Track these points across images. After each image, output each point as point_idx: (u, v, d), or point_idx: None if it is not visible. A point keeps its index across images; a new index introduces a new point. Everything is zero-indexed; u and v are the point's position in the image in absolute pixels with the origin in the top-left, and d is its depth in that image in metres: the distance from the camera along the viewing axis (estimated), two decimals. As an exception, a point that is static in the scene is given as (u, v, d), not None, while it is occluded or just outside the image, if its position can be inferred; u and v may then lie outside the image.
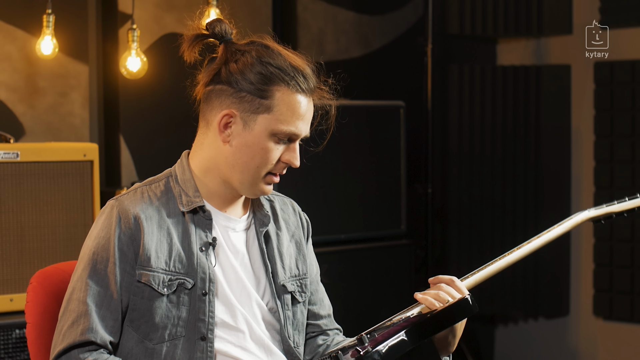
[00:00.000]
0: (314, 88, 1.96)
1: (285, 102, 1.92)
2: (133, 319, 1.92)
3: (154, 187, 2.00)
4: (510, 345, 4.89)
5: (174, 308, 1.91)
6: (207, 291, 1.93)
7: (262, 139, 1.93)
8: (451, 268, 4.76)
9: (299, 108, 1.92)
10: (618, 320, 4.53)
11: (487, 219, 4.74)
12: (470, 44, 4.90)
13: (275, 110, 1.92)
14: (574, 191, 4.72)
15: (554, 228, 2.23)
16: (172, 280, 1.92)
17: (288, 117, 1.92)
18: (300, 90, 1.93)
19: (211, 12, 3.84)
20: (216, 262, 1.96)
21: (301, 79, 1.93)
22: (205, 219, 1.97)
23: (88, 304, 1.88)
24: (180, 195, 1.98)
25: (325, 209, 3.73)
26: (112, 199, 1.99)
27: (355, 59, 4.63)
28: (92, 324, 1.87)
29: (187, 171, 2.01)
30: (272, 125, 1.92)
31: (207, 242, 1.96)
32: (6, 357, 3.00)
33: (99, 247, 1.92)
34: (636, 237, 4.43)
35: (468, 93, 4.74)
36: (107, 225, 1.93)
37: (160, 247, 1.92)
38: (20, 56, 3.60)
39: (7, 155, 3.07)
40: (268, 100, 1.92)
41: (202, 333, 1.92)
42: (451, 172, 4.75)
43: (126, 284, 1.91)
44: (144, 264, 1.91)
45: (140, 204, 1.95)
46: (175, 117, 3.99)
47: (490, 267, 2.15)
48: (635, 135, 4.43)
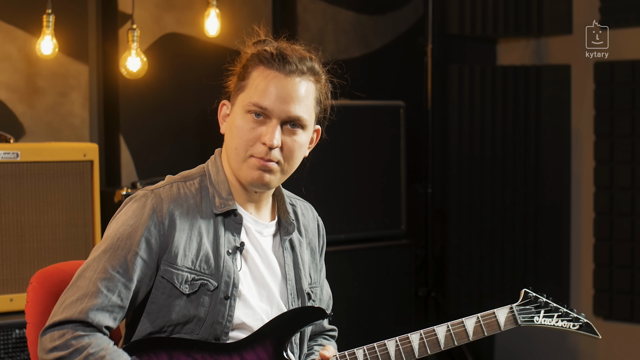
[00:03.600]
0: (296, 70, 1.95)
1: (258, 78, 1.94)
2: (150, 311, 1.93)
3: (189, 184, 2.00)
4: (510, 345, 4.89)
5: (193, 308, 1.92)
6: (230, 295, 1.93)
7: (237, 117, 1.95)
8: (451, 268, 4.77)
9: (270, 82, 1.93)
10: (618, 320, 4.53)
11: (487, 219, 4.74)
12: (470, 44, 4.90)
13: (248, 88, 1.95)
14: (574, 191, 4.72)
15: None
16: (195, 280, 1.92)
17: (259, 90, 1.93)
18: (274, 68, 1.93)
19: (211, 12, 3.85)
20: (241, 266, 1.97)
21: (278, 59, 1.94)
22: (235, 222, 1.98)
23: (98, 286, 1.88)
24: (213, 196, 1.98)
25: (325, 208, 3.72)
26: (147, 189, 1.98)
27: (355, 59, 4.62)
28: (95, 306, 1.87)
29: (221, 172, 2.01)
30: (244, 101, 1.94)
31: (235, 246, 1.97)
32: (6, 357, 3.00)
33: (125, 233, 1.91)
34: (636, 237, 4.43)
35: (468, 93, 4.74)
36: (139, 214, 1.93)
37: (189, 245, 1.93)
38: (20, 56, 3.60)
39: (7, 155, 3.07)
40: (245, 80, 1.96)
41: (217, 335, 1.93)
42: (451, 172, 4.75)
43: (144, 276, 1.91)
44: (171, 260, 1.91)
45: (176, 199, 1.95)
46: (175, 117, 3.99)
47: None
48: (635, 135, 4.43)
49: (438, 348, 2.04)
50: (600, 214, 4.57)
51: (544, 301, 2.14)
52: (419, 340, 2.03)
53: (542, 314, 2.14)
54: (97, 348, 1.84)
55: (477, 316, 2.08)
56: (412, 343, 2.02)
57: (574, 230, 4.73)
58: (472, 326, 2.07)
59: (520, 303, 2.13)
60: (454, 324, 2.07)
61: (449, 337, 2.05)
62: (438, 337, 2.04)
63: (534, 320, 2.13)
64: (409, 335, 2.03)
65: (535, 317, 2.13)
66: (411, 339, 2.02)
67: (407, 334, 2.03)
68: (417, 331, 2.04)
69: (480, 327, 2.07)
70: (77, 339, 1.84)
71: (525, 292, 2.15)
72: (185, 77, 4.01)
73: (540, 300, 2.14)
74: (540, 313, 2.14)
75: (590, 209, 4.63)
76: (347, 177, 3.83)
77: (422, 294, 4.35)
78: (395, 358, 2.00)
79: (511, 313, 2.11)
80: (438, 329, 2.05)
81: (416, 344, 2.02)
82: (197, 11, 3.97)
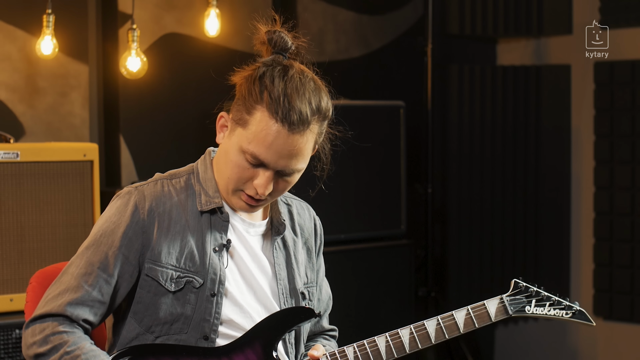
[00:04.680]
0: (299, 124, 1.86)
1: (260, 125, 1.87)
2: (137, 311, 1.93)
3: (174, 182, 1.99)
4: (510, 345, 4.89)
5: (179, 305, 1.91)
6: (216, 292, 1.93)
7: (233, 151, 1.91)
8: (451, 268, 4.77)
9: (269, 135, 1.86)
10: (618, 320, 4.53)
11: (487, 219, 4.74)
12: (470, 44, 4.90)
13: (248, 128, 1.88)
14: (574, 191, 4.72)
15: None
16: (180, 277, 1.92)
17: (257, 139, 1.87)
18: (280, 120, 1.85)
19: (211, 12, 3.84)
20: (228, 264, 1.96)
21: (286, 111, 1.85)
22: (222, 220, 1.97)
23: (79, 281, 1.90)
24: (200, 193, 1.97)
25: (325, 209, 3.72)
26: (132, 186, 1.98)
27: (355, 59, 4.62)
28: (75, 300, 1.88)
29: (209, 170, 2.00)
30: (242, 142, 1.89)
31: (222, 243, 1.96)
32: (6, 357, 3.00)
33: (107, 230, 1.93)
34: (636, 237, 4.43)
35: (468, 93, 4.74)
36: (121, 211, 1.94)
37: (173, 243, 1.92)
38: (20, 56, 3.60)
39: (7, 155, 3.07)
40: (249, 116, 1.89)
41: (206, 333, 1.92)
42: (451, 172, 4.75)
43: (124, 272, 1.91)
44: (154, 258, 1.91)
45: (159, 196, 1.95)
46: (175, 117, 3.99)
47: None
48: (635, 135, 4.43)
49: (429, 342, 2.03)
50: (600, 214, 4.57)
51: (535, 290, 2.13)
52: (409, 335, 2.02)
53: (534, 303, 2.13)
54: (74, 347, 1.85)
55: (467, 308, 2.07)
56: (402, 338, 2.01)
57: (574, 230, 4.73)
58: (463, 318, 2.06)
59: (510, 293, 2.12)
60: (444, 317, 2.06)
61: (439, 331, 2.05)
62: (428, 330, 2.04)
63: (525, 309, 2.12)
64: (399, 330, 2.02)
65: (527, 306, 2.12)
66: (401, 334, 2.02)
67: (397, 330, 2.02)
68: (407, 326, 2.03)
69: (470, 319, 2.06)
70: (55, 335, 1.86)
71: (516, 282, 2.14)
72: (185, 77, 4.01)
73: (531, 289, 2.13)
74: (532, 302, 2.13)
75: (590, 209, 4.63)
76: (347, 177, 3.82)
77: (422, 294, 4.35)
78: (386, 354, 2.00)
79: (501, 303, 2.10)
80: (428, 323, 2.04)
81: (406, 338, 2.01)
82: (197, 11, 3.97)
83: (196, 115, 4.01)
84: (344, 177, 3.83)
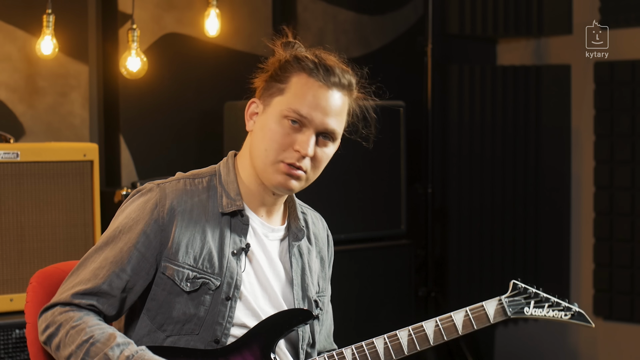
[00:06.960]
0: (338, 83, 1.95)
1: (298, 85, 1.93)
2: (150, 308, 1.93)
3: (197, 182, 1.99)
4: (510, 345, 4.89)
5: (193, 306, 1.91)
6: (231, 296, 1.93)
7: (272, 120, 1.93)
8: (451, 268, 4.77)
9: (310, 92, 1.92)
10: (618, 320, 4.53)
11: (487, 219, 4.74)
12: (470, 44, 4.90)
13: (287, 92, 1.93)
14: (574, 191, 4.72)
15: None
16: (196, 277, 1.91)
17: (298, 98, 1.92)
18: (318, 79, 1.93)
19: (211, 12, 3.84)
20: (245, 268, 1.96)
21: (322, 70, 1.94)
22: (242, 223, 1.97)
23: (91, 275, 1.91)
24: (221, 195, 1.97)
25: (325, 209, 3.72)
26: (153, 183, 1.98)
27: (355, 59, 4.61)
28: (83, 291, 1.89)
29: (231, 172, 2.00)
30: (282, 105, 1.92)
31: (241, 247, 1.96)
32: (6, 357, 3.00)
33: (126, 226, 1.93)
34: (636, 237, 4.43)
35: (468, 93, 4.74)
36: (142, 207, 1.93)
37: (192, 242, 1.92)
38: (20, 56, 3.60)
39: (7, 155, 3.07)
40: (284, 84, 1.94)
41: (217, 336, 1.92)
42: (451, 172, 4.75)
43: (140, 269, 1.91)
44: (171, 257, 1.91)
45: (181, 195, 1.95)
46: (175, 117, 3.99)
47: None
48: (635, 135, 4.43)
49: (427, 344, 2.02)
50: (600, 214, 4.57)
51: (534, 292, 2.13)
52: (408, 337, 2.01)
53: (533, 304, 2.12)
54: (79, 321, 1.86)
55: (465, 310, 2.07)
56: (400, 340, 2.01)
57: (574, 230, 4.73)
58: (461, 320, 2.06)
59: (509, 295, 2.12)
60: (442, 319, 2.05)
61: (437, 333, 2.04)
62: (427, 332, 2.03)
63: (524, 311, 2.11)
64: (397, 332, 2.01)
65: (525, 308, 2.11)
66: (399, 335, 2.01)
67: (395, 331, 2.02)
68: (405, 328, 2.02)
69: (469, 321, 2.06)
70: (62, 314, 1.88)
71: (514, 284, 2.13)
72: (185, 77, 4.01)
73: (530, 291, 2.13)
74: (531, 304, 2.12)
75: (590, 209, 4.63)
76: (347, 177, 3.82)
77: (422, 294, 4.35)
78: (384, 356, 1.99)
79: (500, 305, 2.09)
80: (426, 325, 2.03)
81: (405, 340, 2.01)
82: (197, 11, 3.97)
83: (196, 115, 4.01)
84: (344, 177, 3.83)
